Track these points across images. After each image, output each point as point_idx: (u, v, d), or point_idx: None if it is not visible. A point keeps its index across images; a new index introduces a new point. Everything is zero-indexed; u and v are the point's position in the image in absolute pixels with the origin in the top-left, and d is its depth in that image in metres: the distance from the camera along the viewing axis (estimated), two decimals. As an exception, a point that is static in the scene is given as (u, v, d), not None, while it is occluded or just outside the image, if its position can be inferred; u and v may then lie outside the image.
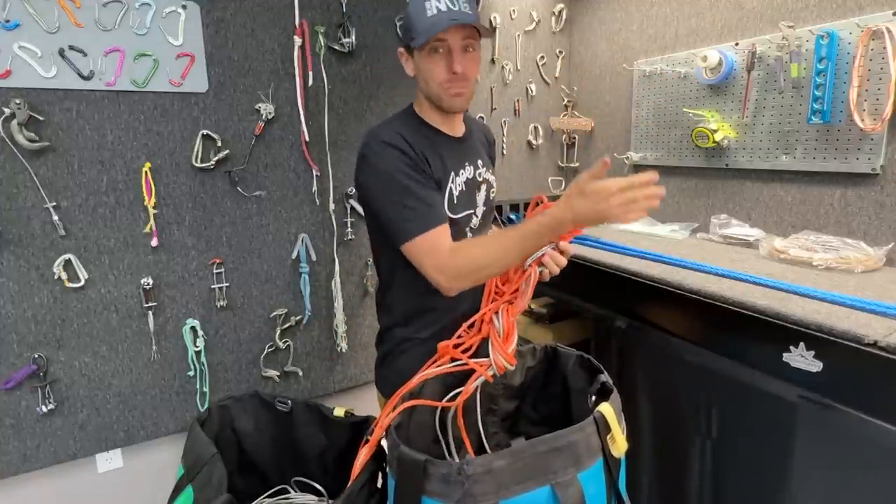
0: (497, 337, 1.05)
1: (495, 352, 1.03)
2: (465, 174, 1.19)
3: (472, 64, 1.12)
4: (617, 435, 0.92)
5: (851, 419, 0.99)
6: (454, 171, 1.17)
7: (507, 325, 1.06)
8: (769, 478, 1.18)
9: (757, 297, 1.16)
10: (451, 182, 1.16)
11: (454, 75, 1.08)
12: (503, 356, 1.02)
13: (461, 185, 1.18)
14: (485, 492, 0.81)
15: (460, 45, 1.08)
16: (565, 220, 0.96)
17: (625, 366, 1.51)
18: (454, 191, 1.16)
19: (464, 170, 1.19)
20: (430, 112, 1.19)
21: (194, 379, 1.69)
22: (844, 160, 1.45)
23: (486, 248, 1.05)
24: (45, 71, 1.38)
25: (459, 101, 1.13)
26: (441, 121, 1.19)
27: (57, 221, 1.44)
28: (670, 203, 2.01)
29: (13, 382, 1.44)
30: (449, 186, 1.15)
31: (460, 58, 1.08)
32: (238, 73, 1.64)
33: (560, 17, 2.35)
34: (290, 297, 1.83)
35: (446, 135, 1.20)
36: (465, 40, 1.09)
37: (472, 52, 1.12)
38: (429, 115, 1.19)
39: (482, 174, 1.24)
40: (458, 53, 1.08)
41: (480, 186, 1.24)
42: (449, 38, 1.07)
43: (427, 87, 1.14)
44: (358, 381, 2.02)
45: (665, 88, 1.95)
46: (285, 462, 1.57)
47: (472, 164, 1.22)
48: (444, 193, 1.14)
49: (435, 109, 1.17)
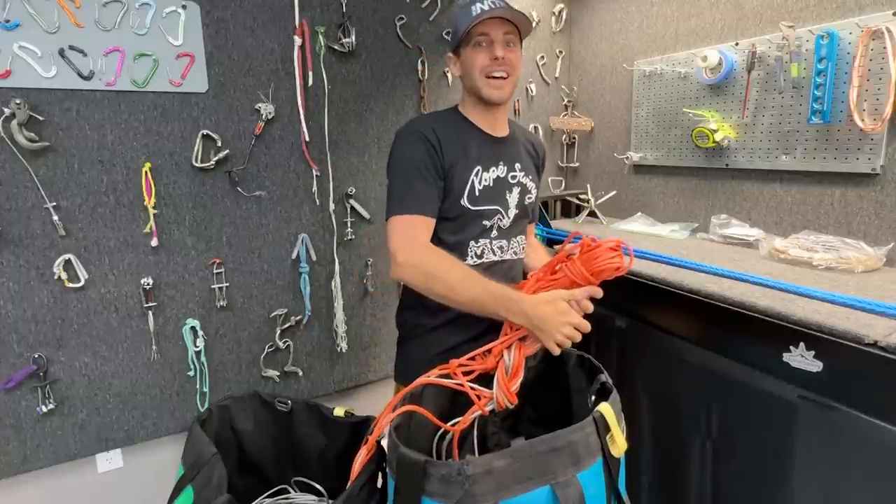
0: (504, 373, 1.05)
1: (499, 388, 1.03)
2: (496, 172, 1.23)
3: (514, 56, 1.19)
4: (616, 435, 0.92)
5: (851, 419, 0.99)
6: (481, 165, 1.21)
7: (516, 363, 1.06)
8: (769, 478, 1.17)
9: (757, 297, 1.16)
10: (475, 175, 1.20)
11: (495, 60, 1.16)
12: (506, 394, 1.02)
13: (488, 181, 1.22)
14: (484, 492, 0.81)
15: (502, 38, 1.17)
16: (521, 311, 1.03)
17: (625, 366, 1.51)
18: (477, 183, 1.20)
19: (495, 168, 1.23)
20: (472, 109, 1.26)
21: (194, 379, 1.69)
22: (844, 160, 1.45)
23: (452, 272, 1.08)
24: (45, 71, 1.38)
25: (499, 93, 1.19)
26: (482, 119, 1.25)
27: (57, 221, 1.44)
28: (670, 203, 2.01)
29: (13, 382, 1.44)
30: (471, 178, 1.20)
31: (501, 46, 1.17)
32: (238, 73, 1.64)
33: (560, 17, 2.35)
34: (290, 297, 1.83)
35: (483, 132, 1.25)
36: (506, 35, 1.17)
37: (514, 47, 1.20)
38: (470, 113, 1.26)
39: (518, 177, 1.27)
40: (500, 43, 1.17)
41: (513, 188, 1.26)
42: (491, 32, 1.16)
43: (470, 80, 1.21)
44: (358, 381, 2.02)
45: (665, 88, 1.95)
46: (285, 462, 1.57)
47: (508, 164, 1.26)
48: (465, 182, 1.19)
49: (477, 106, 1.24)
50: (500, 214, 1.24)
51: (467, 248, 1.22)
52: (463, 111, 1.27)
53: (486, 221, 1.23)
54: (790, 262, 1.41)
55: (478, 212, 1.21)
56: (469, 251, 1.22)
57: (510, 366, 1.05)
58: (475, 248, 1.23)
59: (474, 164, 1.20)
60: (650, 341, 1.43)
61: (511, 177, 1.26)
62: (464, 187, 1.19)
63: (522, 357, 1.07)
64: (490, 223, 1.23)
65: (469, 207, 1.20)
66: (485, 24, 1.15)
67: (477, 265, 1.23)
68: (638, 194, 2.15)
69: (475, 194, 1.20)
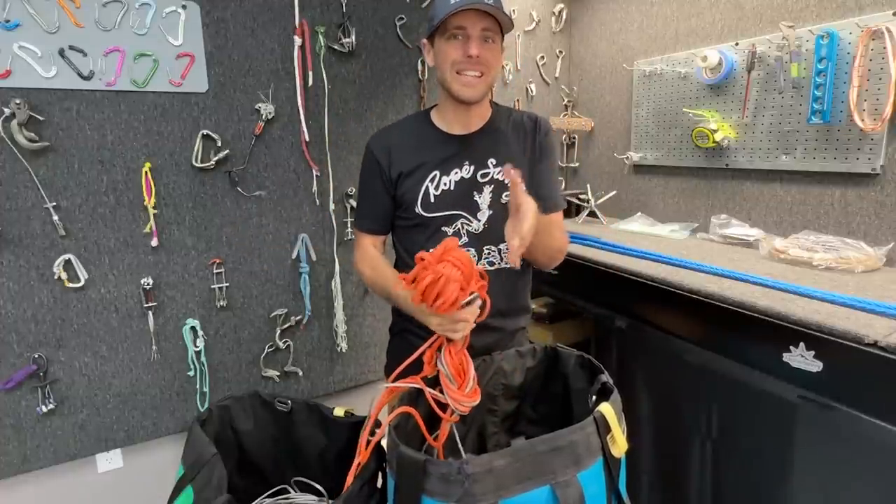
0: (448, 383, 0.96)
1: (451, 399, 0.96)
2: (460, 174, 1.16)
3: (490, 53, 1.10)
4: (617, 435, 0.92)
5: (851, 419, 0.99)
6: (440, 169, 1.16)
7: (453, 368, 0.97)
8: (769, 478, 1.17)
9: (757, 297, 1.16)
10: (431, 181, 1.15)
11: (468, 58, 1.08)
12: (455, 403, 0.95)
13: (448, 185, 1.16)
14: (484, 491, 0.81)
15: (479, 33, 1.08)
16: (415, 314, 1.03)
17: (625, 366, 1.51)
18: (432, 189, 1.15)
19: (458, 169, 1.16)
20: (444, 107, 1.20)
21: (194, 379, 1.69)
22: (844, 160, 1.45)
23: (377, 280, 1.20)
24: (45, 71, 1.38)
25: (470, 92, 1.11)
26: (453, 115, 1.19)
27: (57, 221, 1.44)
28: (670, 203, 2.01)
29: (13, 382, 1.44)
30: (425, 185, 1.15)
31: (477, 43, 1.08)
32: (238, 73, 1.64)
33: (560, 17, 2.35)
34: (290, 297, 1.83)
35: (447, 133, 1.19)
36: (484, 31, 1.09)
37: (492, 44, 1.11)
38: (441, 112, 1.21)
39: (491, 174, 1.17)
40: (476, 40, 1.08)
41: (483, 188, 1.16)
42: (468, 26, 1.07)
43: (441, 73, 1.14)
44: (358, 381, 2.02)
45: (665, 88, 1.95)
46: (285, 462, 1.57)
47: (476, 163, 1.17)
48: (418, 190, 1.16)
49: (449, 104, 1.18)
50: (465, 219, 1.16)
51: None
52: (434, 114, 1.22)
53: (445, 228, 1.16)
54: (790, 262, 1.41)
55: (433, 218, 1.16)
56: None
57: (449, 373, 0.97)
58: None
59: (430, 169, 1.15)
60: (650, 341, 1.43)
61: (481, 175, 1.16)
62: (416, 195, 1.15)
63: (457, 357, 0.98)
64: (453, 230, 1.16)
65: (423, 214, 1.16)
66: (462, 16, 1.06)
67: None
68: (638, 194, 2.15)
69: (430, 200, 1.16)
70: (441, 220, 1.16)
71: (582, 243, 1.78)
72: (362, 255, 1.26)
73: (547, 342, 1.23)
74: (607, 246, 1.70)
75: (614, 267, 1.50)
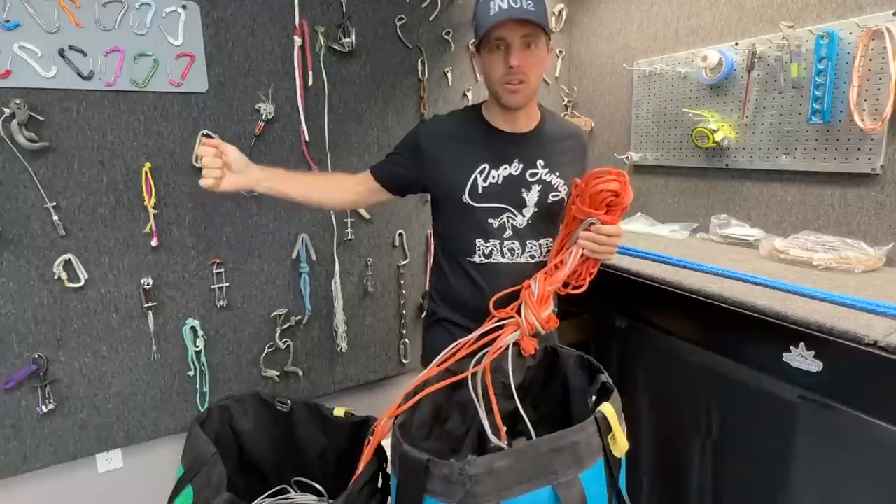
0: (531, 299, 1.09)
1: (528, 311, 1.07)
2: (509, 170, 1.21)
3: (532, 60, 1.13)
4: (618, 435, 0.92)
5: (851, 419, 0.99)
6: (489, 163, 1.20)
7: (541, 290, 1.09)
8: (769, 478, 1.18)
9: (757, 297, 1.16)
10: (480, 172, 1.20)
11: (510, 69, 1.11)
12: (536, 318, 1.06)
13: (496, 179, 1.20)
14: (486, 492, 0.81)
15: (519, 41, 1.11)
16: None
17: (625, 366, 1.51)
18: (481, 181, 1.20)
19: (507, 165, 1.21)
20: (492, 107, 1.24)
21: (194, 379, 1.69)
22: (844, 160, 1.45)
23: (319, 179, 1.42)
24: (45, 71, 1.38)
25: (516, 98, 1.16)
26: (502, 117, 1.24)
27: (57, 221, 1.44)
28: (670, 203, 2.01)
29: (13, 382, 1.44)
30: (474, 175, 1.20)
31: (518, 53, 1.11)
32: (238, 73, 1.64)
33: (560, 17, 2.35)
34: (290, 297, 1.83)
35: (498, 129, 1.24)
36: (525, 37, 1.11)
37: (534, 49, 1.13)
38: (490, 111, 1.25)
39: (540, 174, 1.22)
40: (517, 49, 1.11)
41: (532, 186, 1.22)
42: (507, 35, 1.10)
43: (488, 83, 1.19)
44: (358, 381, 2.02)
45: (665, 88, 1.95)
46: (285, 462, 1.57)
47: (525, 162, 1.22)
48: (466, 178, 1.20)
49: (497, 107, 1.22)
50: (511, 213, 1.22)
51: (474, 245, 1.22)
52: (484, 110, 1.27)
53: (492, 220, 1.21)
54: (790, 262, 1.41)
55: (481, 209, 1.21)
56: (477, 249, 1.22)
57: (536, 292, 1.10)
58: (483, 248, 1.22)
59: (480, 162, 1.20)
60: (650, 341, 1.43)
61: (530, 174, 1.22)
62: (465, 183, 1.20)
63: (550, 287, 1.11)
64: (498, 222, 1.22)
65: (470, 203, 1.20)
66: (501, 28, 1.09)
67: (483, 265, 1.23)
68: (638, 194, 2.15)
69: (478, 191, 1.20)
70: (487, 210, 1.21)
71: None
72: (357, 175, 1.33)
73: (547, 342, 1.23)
74: (607, 246, 1.70)
75: (614, 267, 1.50)
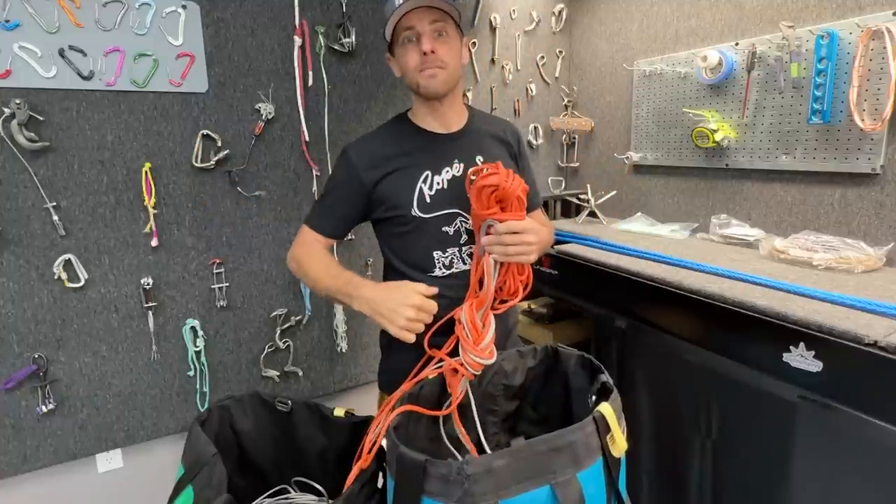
0: (465, 337, 1.02)
1: (464, 352, 1.01)
2: (451, 172, 1.17)
3: (445, 47, 1.12)
4: (617, 435, 0.92)
5: (851, 419, 0.99)
6: (431, 169, 1.16)
7: (471, 321, 1.03)
8: (769, 478, 1.17)
9: (757, 297, 1.16)
10: (424, 181, 1.15)
11: (425, 56, 1.10)
12: (474, 354, 0.99)
13: (441, 184, 1.16)
14: (484, 491, 0.81)
15: (429, 28, 1.10)
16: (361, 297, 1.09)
17: (625, 366, 1.51)
18: (426, 189, 1.15)
19: (449, 168, 1.17)
20: (420, 109, 1.21)
21: (194, 379, 1.69)
22: (844, 160, 1.45)
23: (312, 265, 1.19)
24: (45, 71, 1.38)
25: (434, 83, 1.12)
26: (431, 117, 1.20)
27: (57, 221, 1.44)
28: (670, 203, 2.01)
29: (13, 382, 1.44)
30: (418, 186, 1.15)
31: (430, 39, 1.09)
32: (238, 73, 1.64)
33: (560, 17, 2.35)
34: (290, 297, 1.83)
35: (431, 133, 1.20)
36: (434, 24, 1.10)
37: (445, 38, 1.12)
38: (418, 114, 1.22)
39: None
40: (428, 36, 1.10)
41: None
42: (416, 25, 1.09)
43: (407, 78, 1.16)
44: (358, 381, 2.02)
45: (665, 88, 1.95)
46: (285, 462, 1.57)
47: (465, 161, 1.18)
48: (412, 191, 1.15)
49: (423, 105, 1.19)
50: (463, 217, 1.17)
51: (433, 259, 1.17)
52: (412, 115, 1.23)
53: (446, 228, 1.16)
54: (790, 262, 1.41)
55: (433, 219, 1.16)
56: (436, 262, 1.17)
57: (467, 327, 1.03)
58: (443, 259, 1.17)
59: (422, 169, 1.15)
60: (650, 341, 1.43)
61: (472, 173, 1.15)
62: (411, 196, 1.15)
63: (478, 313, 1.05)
64: (453, 228, 1.17)
65: (421, 216, 1.15)
66: (409, 17, 1.08)
67: (446, 276, 1.18)
68: (638, 194, 2.15)
69: (426, 201, 1.15)
70: (439, 219, 1.16)
71: (582, 243, 1.78)
72: (307, 249, 1.22)
73: (547, 342, 1.23)
74: (607, 246, 1.70)
75: (614, 267, 1.50)
